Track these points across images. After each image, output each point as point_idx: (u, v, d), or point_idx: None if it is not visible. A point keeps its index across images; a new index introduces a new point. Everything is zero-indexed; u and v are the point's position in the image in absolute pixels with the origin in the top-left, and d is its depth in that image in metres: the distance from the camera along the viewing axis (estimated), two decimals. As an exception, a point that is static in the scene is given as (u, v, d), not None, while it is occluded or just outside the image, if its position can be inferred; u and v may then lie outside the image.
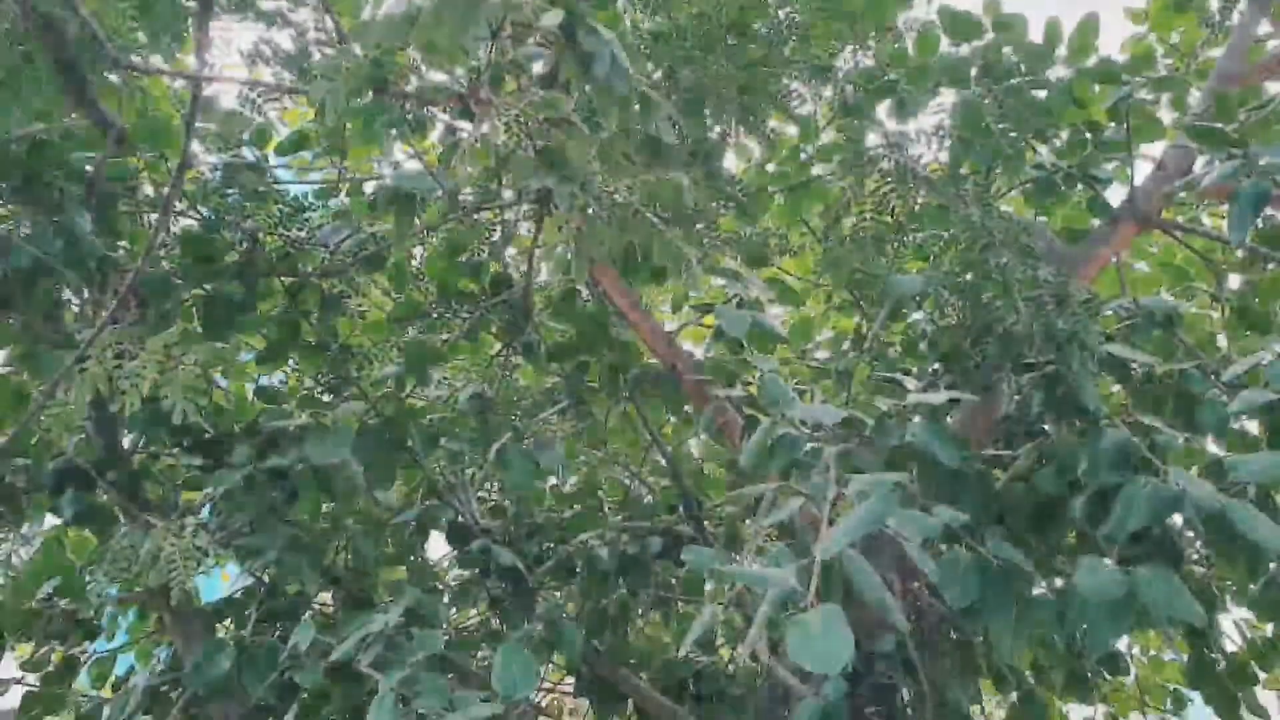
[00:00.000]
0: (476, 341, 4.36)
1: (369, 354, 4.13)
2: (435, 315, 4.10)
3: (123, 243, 3.83)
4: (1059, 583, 3.09)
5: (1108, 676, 4.25)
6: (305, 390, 4.28)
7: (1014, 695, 4.01)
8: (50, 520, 3.73)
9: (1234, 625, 4.08)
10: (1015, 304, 2.72)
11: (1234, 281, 4.12)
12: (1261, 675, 3.92)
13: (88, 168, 3.50)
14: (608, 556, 3.89)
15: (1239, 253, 3.98)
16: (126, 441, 3.82)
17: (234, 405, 4.13)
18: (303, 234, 3.81)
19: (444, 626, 3.41)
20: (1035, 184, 3.86)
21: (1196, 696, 4.11)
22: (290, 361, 4.25)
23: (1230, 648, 3.90)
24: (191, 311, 3.69)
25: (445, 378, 4.60)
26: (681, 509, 4.31)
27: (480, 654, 4.32)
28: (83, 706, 3.83)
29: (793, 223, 4.61)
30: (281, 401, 4.05)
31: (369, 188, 4.16)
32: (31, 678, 3.83)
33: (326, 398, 4.01)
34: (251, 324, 3.99)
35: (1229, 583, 3.72)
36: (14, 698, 3.81)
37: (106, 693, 3.94)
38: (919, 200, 3.59)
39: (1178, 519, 2.57)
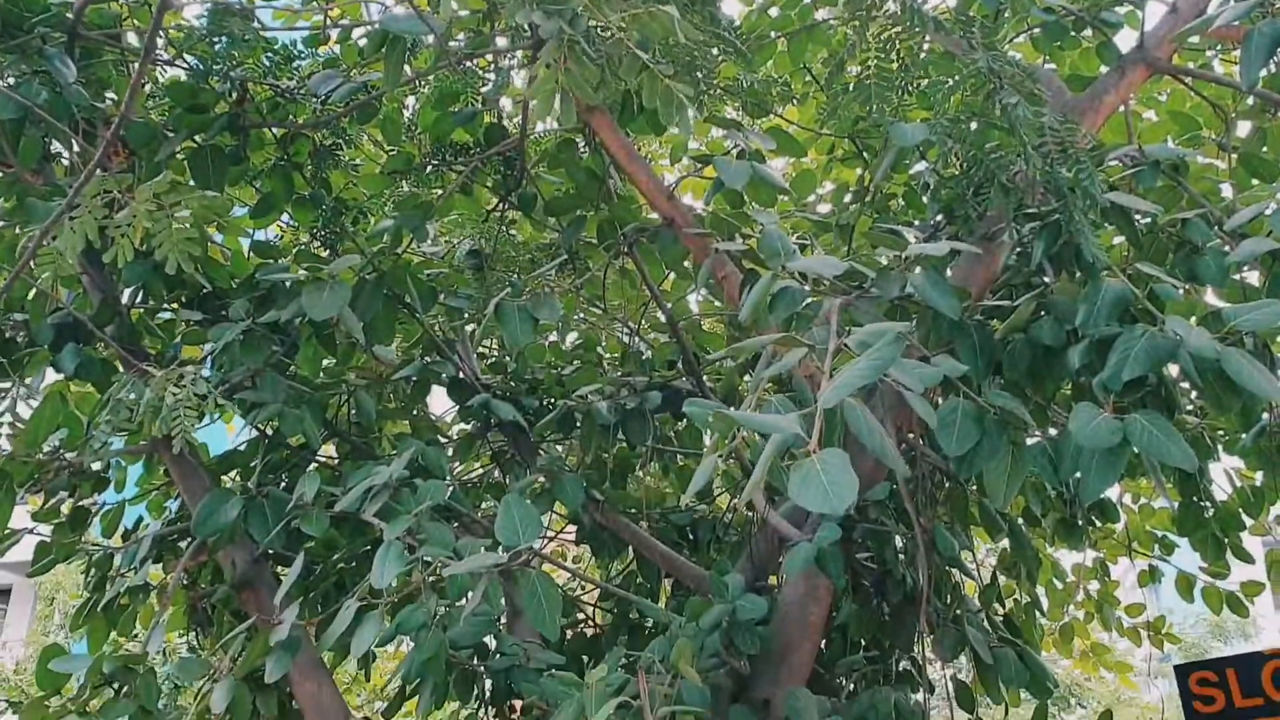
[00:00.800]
0: (472, 195, 4.30)
1: (363, 208, 4.08)
2: (429, 168, 4.03)
3: (110, 93, 3.74)
4: (1054, 432, 3.12)
5: (1098, 523, 4.34)
6: (301, 245, 4.25)
7: (1006, 541, 4.11)
8: (53, 376, 3.74)
9: (1224, 474, 4.15)
10: (1024, 146, 2.65)
11: (1243, 130, 4.04)
12: (1248, 522, 4.00)
13: (68, 15, 3.39)
14: (607, 410, 3.91)
15: (1249, 100, 3.88)
16: (124, 297, 3.81)
17: (230, 261, 4.09)
18: (293, 83, 3.72)
19: (447, 478, 3.45)
20: (1044, 28, 3.75)
21: (1184, 542, 4.22)
22: (285, 216, 4.20)
23: (1220, 496, 3.97)
24: (183, 165, 3.62)
25: (442, 234, 4.55)
26: (680, 364, 4.32)
27: (484, 505, 4.41)
28: (94, 555, 3.92)
29: (795, 70, 4.50)
30: (277, 256, 4.01)
31: (358, 35, 4.04)
32: (43, 529, 3.91)
33: (323, 252, 3.97)
34: (243, 176, 3.93)
35: (1220, 432, 3.76)
36: (26, 549, 3.89)
37: (117, 543, 4.02)
38: (925, 45, 3.48)
39: (1174, 369, 2.57)
